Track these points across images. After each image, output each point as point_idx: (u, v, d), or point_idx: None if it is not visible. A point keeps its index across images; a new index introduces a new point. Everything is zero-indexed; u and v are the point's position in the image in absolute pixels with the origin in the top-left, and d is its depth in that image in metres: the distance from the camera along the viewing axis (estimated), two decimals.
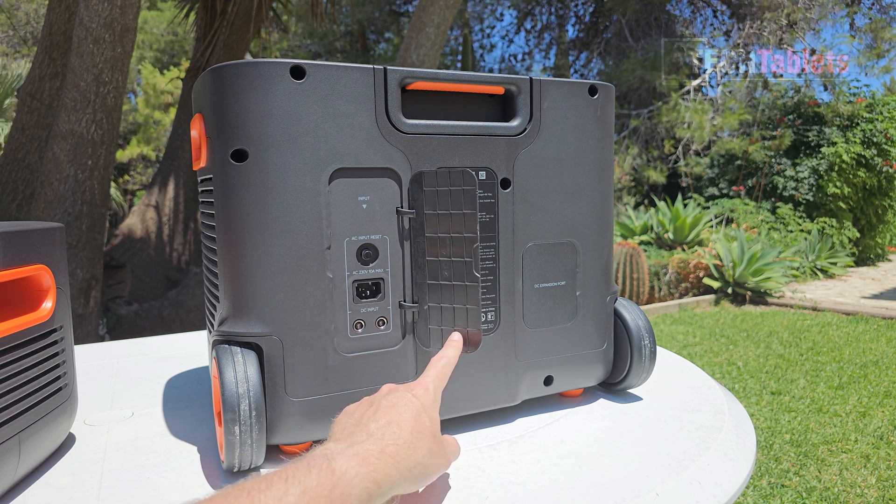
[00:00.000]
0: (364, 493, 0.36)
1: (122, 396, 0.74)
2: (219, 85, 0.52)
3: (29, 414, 0.50)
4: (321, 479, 0.35)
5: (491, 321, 0.61)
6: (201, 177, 0.61)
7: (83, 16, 2.24)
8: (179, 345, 1.00)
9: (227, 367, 0.50)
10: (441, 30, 3.16)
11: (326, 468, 0.35)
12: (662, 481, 0.51)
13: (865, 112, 7.42)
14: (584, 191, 0.65)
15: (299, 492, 0.33)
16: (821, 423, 2.46)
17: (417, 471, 0.41)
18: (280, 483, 0.33)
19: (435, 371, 0.50)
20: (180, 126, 4.16)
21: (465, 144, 0.59)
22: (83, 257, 2.49)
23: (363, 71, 0.54)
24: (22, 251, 0.50)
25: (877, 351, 3.51)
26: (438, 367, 0.50)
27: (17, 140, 3.03)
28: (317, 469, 0.35)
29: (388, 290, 0.57)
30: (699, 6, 9.44)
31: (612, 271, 0.70)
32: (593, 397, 0.71)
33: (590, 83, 0.65)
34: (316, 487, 0.34)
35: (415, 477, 0.41)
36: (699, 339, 3.91)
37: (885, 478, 2.00)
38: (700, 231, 6.00)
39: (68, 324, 0.58)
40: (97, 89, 2.33)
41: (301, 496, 0.33)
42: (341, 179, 0.54)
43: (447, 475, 0.52)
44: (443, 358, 0.52)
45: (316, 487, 0.34)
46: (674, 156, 8.14)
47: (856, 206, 7.57)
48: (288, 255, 0.52)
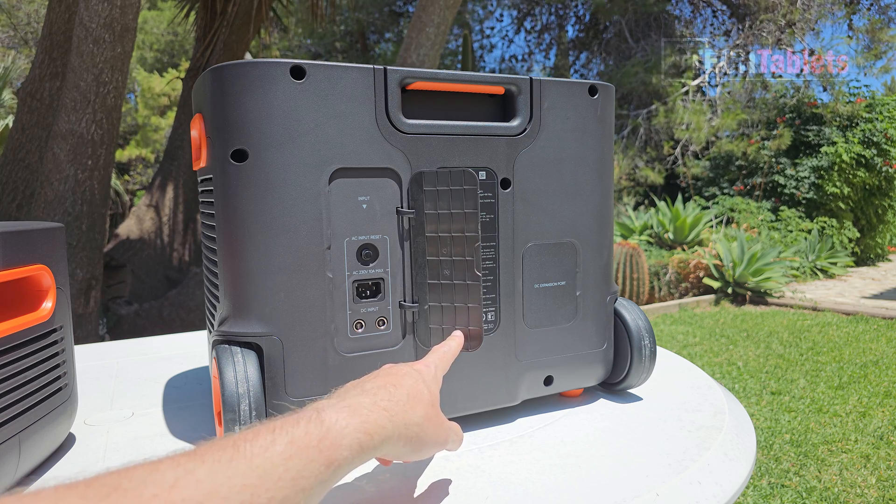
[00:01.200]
0: (355, 444, 0.35)
1: (122, 396, 0.74)
2: (219, 85, 0.52)
3: (29, 414, 0.50)
4: (309, 429, 0.34)
5: (491, 321, 0.61)
6: (201, 177, 0.61)
7: (83, 16, 2.24)
8: (179, 345, 1.00)
9: (227, 367, 0.50)
10: (441, 30, 3.16)
11: (316, 419, 0.35)
12: (662, 481, 0.51)
13: (865, 112, 7.42)
14: (584, 191, 0.65)
15: (286, 441, 0.33)
16: (821, 423, 2.46)
17: (412, 431, 0.40)
18: (267, 433, 0.33)
19: (436, 355, 0.51)
20: (180, 126, 4.16)
21: (465, 144, 0.59)
22: (83, 257, 2.49)
23: (363, 71, 0.54)
24: (22, 251, 0.50)
25: (877, 351, 3.51)
26: (440, 352, 0.51)
27: (17, 140, 3.03)
28: (305, 420, 0.35)
29: (388, 290, 0.57)
30: (699, 6, 9.44)
31: (612, 271, 0.70)
32: (593, 397, 0.71)
33: (590, 83, 0.65)
34: (304, 437, 0.33)
35: (409, 437, 0.40)
36: (699, 339, 3.91)
37: (885, 478, 2.00)
38: (700, 231, 6.00)
39: (68, 324, 0.58)
40: (97, 89, 2.33)
41: (288, 446, 0.32)
42: (341, 179, 0.54)
43: (448, 477, 0.52)
44: (444, 345, 0.52)
45: (304, 437, 0.33)
46: (671, 157, 8.14)
47: (856, 206, 7.57)
48: (288, 255, 0.52)
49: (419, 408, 0.42)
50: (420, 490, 0.50)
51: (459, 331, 0.56)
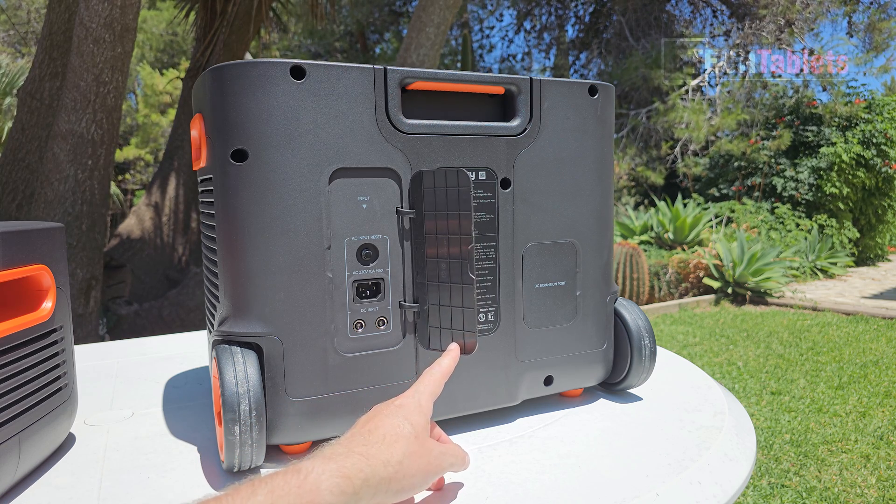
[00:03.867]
0: (335, 488, 0.37)
1: (122, 396, 0.74)
2: (219, 85, 0.52)
3: (29, 414, 0.50)
4: (287, 478, 0.36)
5: (491, 321, 0.61)
6: (201, 177, 0.61)
7: (83, 16, 2.24)
8: (179, 345, 1.00)
9: (227, 367, 0.50)
10: (441, 30, 3.16)
11: (293, 469, 0.37)
12: (662, 481, 0.51)
13: (864, 112, 7.42)
14: (584, 191, 0.65)
15: (266, 491, 0.35)
16: (821, 423, 2.46)
17: (391, 469, 0.41)
18: (247, 488, 0.35)
19: (426, 379, 0.50)
20: (180, 126, 4.16)
21: (465, 144, 0.59)
22: (83, 257, 2.49)
23: (363, 71, 0.54)
24: (22, 251, 0.50)
25: (877, 351, 3.51)
26: (431, 375, 0.50)
27: (17, 140, 3.03)
28: (283, 472, 0.37)
29: (388, 290, 0.57)
30: (699, 6, 9.44)
31: (612, 271, 0.70)
32: (593, 397, 0.71)
33: (590, 83, 0.65)
34: (283, 486, 0.36)
35: (390, 476, 0.40)
36: (699, 339, 3.91)
37: (885, 478, 2.00)
38: (700, 231, 6.00)
39: (68, 324, 0.58)
40: (97, 89, 2.33)
41: (268, 495, 0.35)
42: (341, 179, 0.54)
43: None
44: (436, 366, 0.51)
45: (283, 486, 0.36)
46: (671, 156, 8.14)
47: (855, 207, 7.57)
48: (288, 255, 0.52)
49: (397, 446, 0.42)
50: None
51: (456, 344, 0.55)
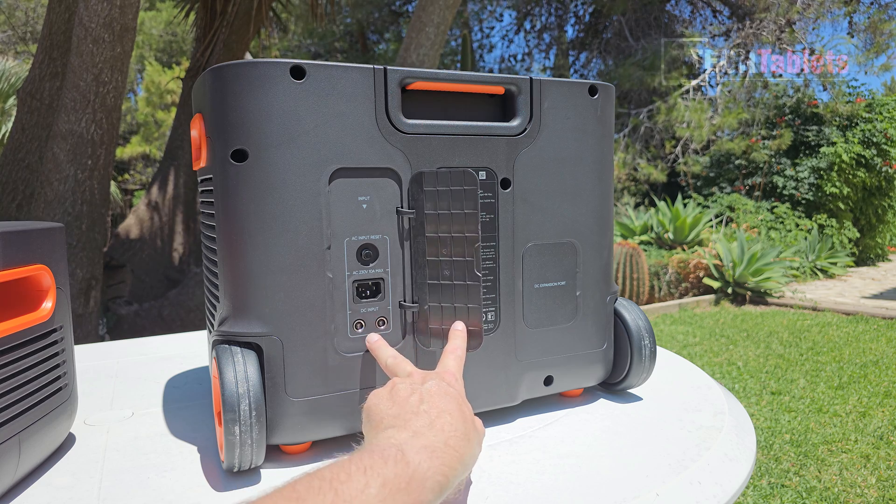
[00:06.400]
0: (436, 486, 0.37)
1: (122, 396, 0.74)
2: (219, 85, 0.52)
3: (29, 414, 0.50)
4: (398, 471, 0.36)
5: (491, 321, 0.61)
6: (201, 177, 0.61)
7: (83, 15, 2.24)
8: (179, 345, 1.00)
9: (227, 367, 0.50)
10: (441, 30, 3.16)
11: (402, 460, 0.37)
12: (662, 481, 0.51)
13: (864, 112, 7.42)
14: (584, 191, 0.65)
15: (379, 484, 0.34)
16: (821, 423, 2.46)
17: (470, 462, 0.42)
18: (360, 475, 0.34)
19: (453, 363, 0.51)
20: (180, 126, 4.16)
21: (465, 144, 0.59)
22: (83, 257, 2.49)
23: (363, 71, 0.54)
24: (22, 251, 0.50)
25: (877, 351, 3.51)
26: (454, 357, 0.51)
27: (17, 140, 3.03)
28: (393, 461, 0.36)
29: (388, 290, 0.57)
30: (699, 6, 9.44)
31: (612, 271, 0.70)
32: (593, 397, 0.71)
33: (590, 83, 0.65)
34: (394, 480, 0.35)
35: (467, 468, 0.42)
36: (699, 339, 3.91)
37: (885, 478, 2.00)
38: (700, 231, 5.99)
39: (68, 324, 0.58)
40: (97, 89, 2.33)
41: (381, 488, 0.34)
42: (341, 179, 0.54)
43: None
44: (456, 349, 0.52)
45: (394, 480, 0.35)
46: (672, 154, 8.14)
47: (856, 206, 7.57)
48: (288, 255, 0.52)
49: (471, 434, 0.43)
50: None
51: (460, 322, 0.55)
